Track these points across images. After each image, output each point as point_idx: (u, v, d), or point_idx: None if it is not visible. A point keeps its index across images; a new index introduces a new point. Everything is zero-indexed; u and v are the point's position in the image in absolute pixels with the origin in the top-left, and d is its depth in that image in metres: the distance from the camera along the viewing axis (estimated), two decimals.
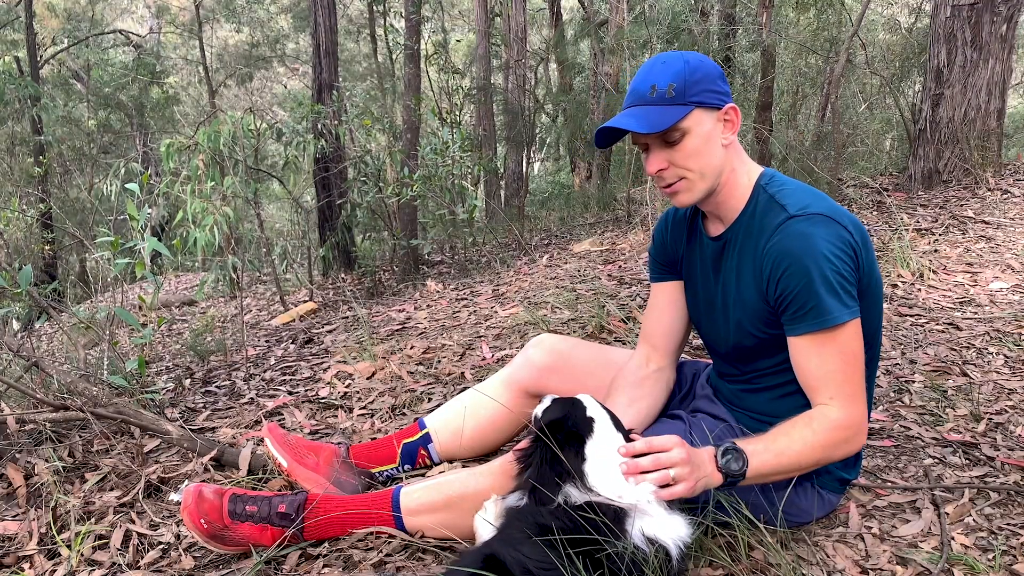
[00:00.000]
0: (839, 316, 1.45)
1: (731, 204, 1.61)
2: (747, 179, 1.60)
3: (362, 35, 15.38)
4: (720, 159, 1.56)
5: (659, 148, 1.55)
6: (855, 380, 1.48)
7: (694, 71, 1.51)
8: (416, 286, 5.29)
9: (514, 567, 1.26)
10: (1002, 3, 5.09)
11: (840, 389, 1.48)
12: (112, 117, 15.07)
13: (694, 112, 1.51)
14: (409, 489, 1.76)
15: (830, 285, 1.44)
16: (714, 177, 1.57)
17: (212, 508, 1.71)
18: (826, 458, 1.50)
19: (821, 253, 1.44)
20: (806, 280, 1.45)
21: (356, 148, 6.19)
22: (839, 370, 1.47)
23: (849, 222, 1.49)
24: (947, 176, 5.33)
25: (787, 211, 1.50)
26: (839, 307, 1.45)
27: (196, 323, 5.18)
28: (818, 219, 1.47)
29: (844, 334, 1.46)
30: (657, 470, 1.36)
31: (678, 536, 1.35)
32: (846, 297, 1.46)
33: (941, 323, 3.02)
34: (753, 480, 1.45)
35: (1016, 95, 13.93)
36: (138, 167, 5.69)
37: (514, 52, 9.98)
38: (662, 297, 1.87)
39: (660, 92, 1.50)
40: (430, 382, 2.83)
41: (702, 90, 1.51)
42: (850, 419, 1.48)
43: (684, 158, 1.53)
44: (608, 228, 6.37)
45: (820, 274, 1.44)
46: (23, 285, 2.55)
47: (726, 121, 1.56)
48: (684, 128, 1.51)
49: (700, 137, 1.52)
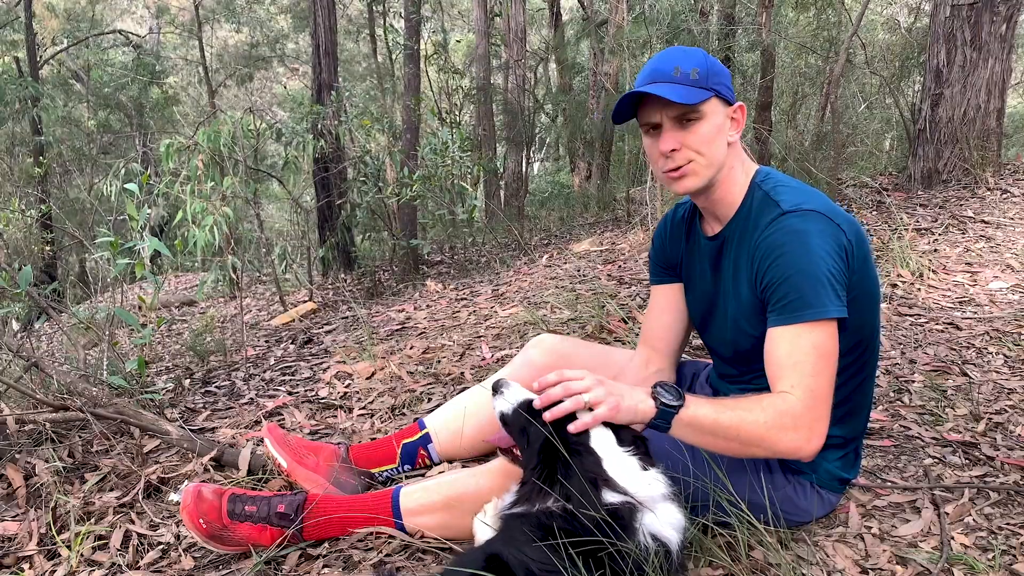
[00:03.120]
0: (820, 311, 1.43)
1: (728, 201, 1.62)
2: (744, 177, 1.61)
3: (362, 35, 15.38)
4: (724, 153, 1.57)
5: (674, 128, 1.54)
6: (822, 381, 1.42)
7: (713, 64, 1.55)
8: (416, 286, 5.29)
9: (517, 568, 1.26)
10: (1002, 3, 5.09)
11: (802, 381, 1.41)
12: (112, 117, 15.06)
13: (712, 99, 1.53)
14: (409, 489, 1.76)
15: (816, 280, 1.43)
16: (717, 168, 1.57)
17: (211, 508, 1.71)
18: (768, 440, 1.40)
19: (811, 248, 1.44)
20: (792, 272, 1.45)
21: (356, 148, 6.18)
22: (808, 363, 1.42)
23: (844, 221, 1.49)
24: (947, 176, 5.33)
25: (781, 207, 1.50)
26: (821, 302, 1.43)
27: (196, 323, 5.17)
28: (811, 215, 1.47)
29: (822, 331, 1.43)
30: (570, 396, 1.35)
31: (678, 523, 1.35)
32: (831, 294, 1.44)
33: (941, 323, 3.02)
34: (688, 426, 1.39)
35: (1016, 95, 13.92)
36: (138, 167, 5.68)
37: (514, 52, 9.97)
38: (662, 299, 1.87)
39: (684, 73, 1.52)
40: (430, 382, 2.83)
41: (720, 82, 1.54)
42: (803, 414, 1.40)
43: (697, 141, 1.54)
44: (608, 228, 6.37)
45: (807, 268, 1.44)
46: (23, 285, 2.55)
47: (733, 119, 1.58)
48: (702, 112, 1.52)
49: (713, 126, 1.54)
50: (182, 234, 4.33)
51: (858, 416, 1.65)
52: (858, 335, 1.56)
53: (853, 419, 1.64)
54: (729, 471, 1.56)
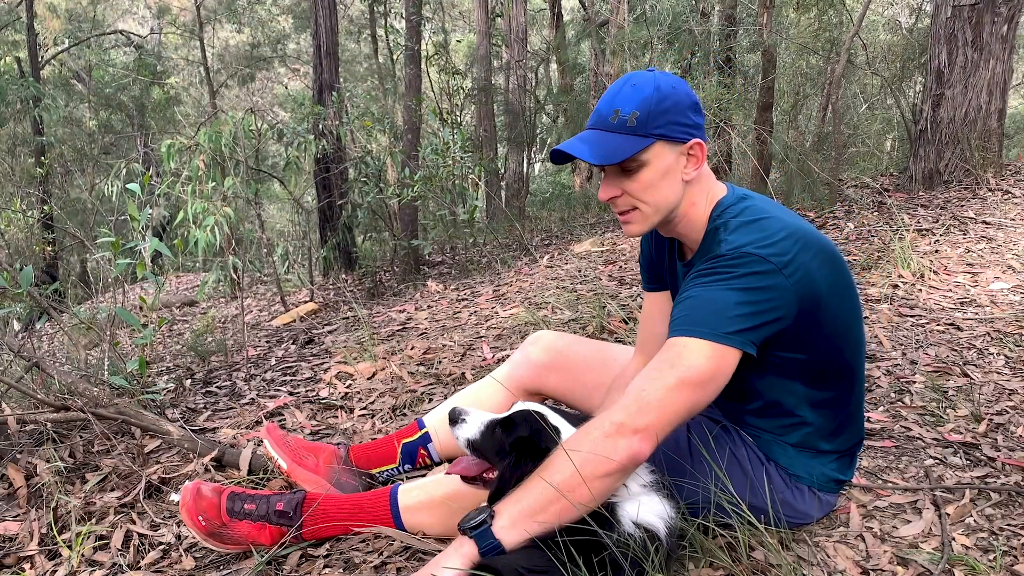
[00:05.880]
0: (700, 331, 1.35)
1: (691, 236, 1.57)
2: (705, 211, 1.54)
3: (363, 36, 15.38)
4: (677, 194, 1.49)
5: (614, 175, 1.49)
6: (661, 394, 1.32)
7: (663, 100, 1.43)
8: (417, 286, 5.29)
9: (507, 572, 1.26)
10: (1003, 3, 5.09)
11: (641, 388, 1.34)
12: (113, 118, 15.07)
13: (655, 145, 1.43)
14: (407, 487, 1.76)
15: (717, 308, 1.37)
16: (667, 211, 1.51)
17: (210, 506, 1.71)
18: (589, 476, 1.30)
19: (728, 286, 1.38)
20: (696, 295, 1.40)
21: (357, 149, 6.19)
22: (659, 371, 1.35)
23: (791, 263, 1.39)
24: (948, 176, 5.33)
25: (721, 248, 1.43)
26: (710, 325, 1.35)
27: (197, 324, 5.18)
28: (744, 260, 1.38)
29: (690, 352, 1.34)
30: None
31: (663, 512, 1.36)
32: (728, 323, 1.35)
33: (942, 323, 3.02)
34: (517, 527, 1.32)
35: (1017, 95, 13.92)
36: (139, 168, 5.69)
37: (515, 53, 9.98)
38: (653, 307, 1.85)
39: (622, 119, 1.43)
40: (431, 382, 2.83)
41: (668, 122, 1.43)
42: (626, 421, 1.32)
43: (639, 189, 1.47)
44: (609, 229, 6.36)
45: (713, 297, 1.38)
46: (24, 286, 2.56)
47: (690, 156, 1.48)
48: (642, 160, 1.44)
49: (658, 171, 1.45)
50: (183, 234, 4.34)
51: (848, 431, 1.64)
52: (826, 366, 1.53)
53: (844, 434, 1.63)
54: (729, 473, 1.56)
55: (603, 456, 1.30)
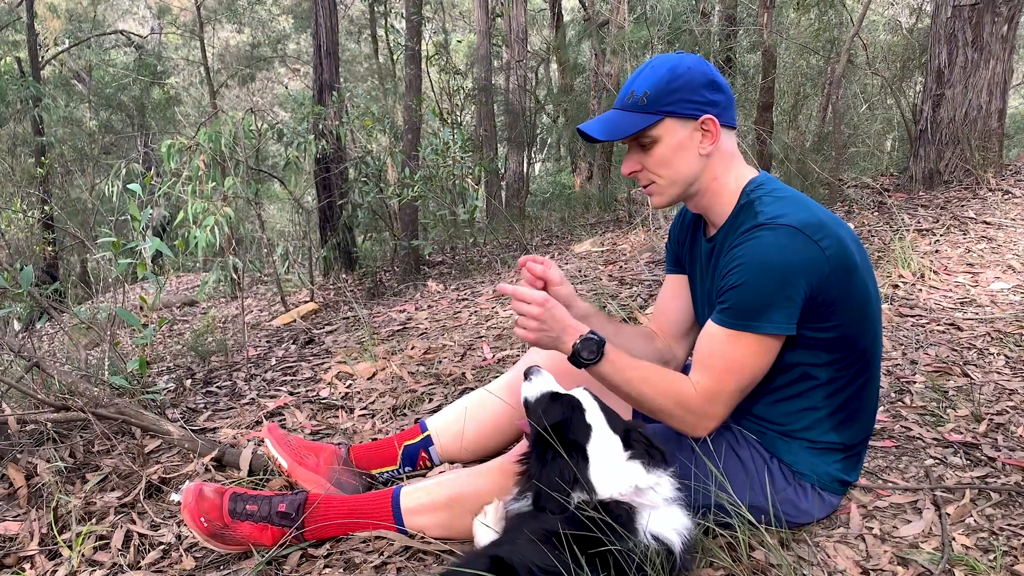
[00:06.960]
0: (752, 326, 1.46)
1: (717, 210, 1.62)
2: (735, 185, 1.60)
3: (363, 36, 15.38)
4: (693, 168, 1.57)
5: (634, 151, 1.60)
6: (723, 387, 1.51)
7: (675, 79, 1.51)
8: (417, 286, 5.29)
9: (522, 570, 1.26)
10: (1003, 3, 5.08)
11: (705, 382, 1.51)
12: (113, 118, 15.07)
13: (665, 121, 1.53)
14: (409, 489, 1.76)
15: (764, 295, 1.44)
16: (685, 184, 1.59)
17: (212, 507, 1.71)
18: (662, 410, 1.55)
19: (770, 263, 1.44)
20: (741, 281, 1.46)
21: (357, 149, 6.19)
22: (718, 368, 1.51)
23: (826, 236, 1.46)
24: (948, 176, 5.32)
25: (757, 219, 1.49)
26: (758, 318, 1.45)
27: (197, 324, 5.18)
28: (784, 230, 1.45)
29: (747, 344, 1.48)
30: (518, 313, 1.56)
31: (683, 527, 1.36)
32: (776, 312, 1.45)
33: (942, 323, 3.02)
34: (599, 376, 1.56)
35: (1017, 95, 13.92)
36: (139, 168, 5.69)
37: (515, 53, 9.98)
38: (669, 289, 1.92)
39: (636, 98, 1.54)
40: (431, 383, 2.83)
41: (678, 99, 1.51)
42: (695, 408, 1.52)
43: (655, 164, 1.57)
44: (609, 229, 6.36)
45: (760, 281, 1.44)
46: (24, 285, 2.56)
47: (704, 131, 1.55)
48: (654, 136, 1.54)
49: (670, 146, 1.54)
50: (183, 234, 4.34)
51: (856, 423, 1.64)
52: (848, 346, 1.56)
53: (852, 425, 1.63)
54: (730, 473, 1.56)
55: (688, 423, 1.55)
